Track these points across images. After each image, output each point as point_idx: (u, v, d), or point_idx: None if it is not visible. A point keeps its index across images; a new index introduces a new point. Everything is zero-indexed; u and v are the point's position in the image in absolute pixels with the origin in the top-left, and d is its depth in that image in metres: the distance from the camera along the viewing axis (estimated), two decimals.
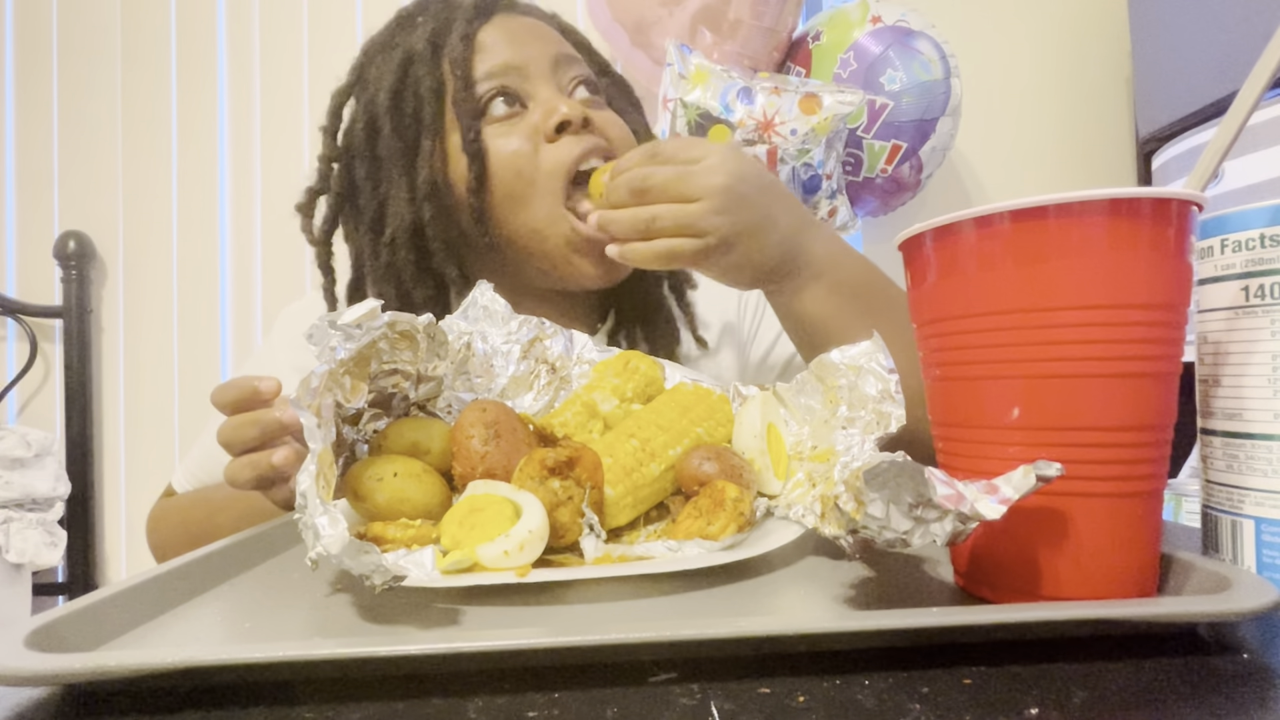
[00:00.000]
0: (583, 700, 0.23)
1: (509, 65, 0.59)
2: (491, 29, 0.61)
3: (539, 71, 0.59)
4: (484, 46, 0.60)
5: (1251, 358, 0.31)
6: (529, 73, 0.59)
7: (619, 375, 0.49)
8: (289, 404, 0.41)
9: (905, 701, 0.23)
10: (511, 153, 0.57)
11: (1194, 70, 1.16)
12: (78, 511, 1.35)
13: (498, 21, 0.62)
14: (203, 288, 1.41)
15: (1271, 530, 0.30)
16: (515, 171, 0.57)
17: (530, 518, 0.35)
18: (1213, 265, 0.32)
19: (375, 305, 0.39)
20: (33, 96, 1.41)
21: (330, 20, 1.41)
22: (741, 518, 0.38)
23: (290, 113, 1.41)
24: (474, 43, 0.60)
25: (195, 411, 1.40)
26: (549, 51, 0.60)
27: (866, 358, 0.41)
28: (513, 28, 0.62)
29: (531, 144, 0.57)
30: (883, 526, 0.28)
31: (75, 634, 0.28)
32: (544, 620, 0.31)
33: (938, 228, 0.31)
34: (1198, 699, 0.23)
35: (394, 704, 0.23)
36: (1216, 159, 0.30)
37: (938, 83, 1.11)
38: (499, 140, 0.58)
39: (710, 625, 0.25)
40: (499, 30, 0.61)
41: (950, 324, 0.31)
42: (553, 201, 0.57)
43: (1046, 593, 0.29)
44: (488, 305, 0.53)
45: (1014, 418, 0.29)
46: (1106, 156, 1.46)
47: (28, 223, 1.41)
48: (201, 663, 0.24)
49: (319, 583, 0.37)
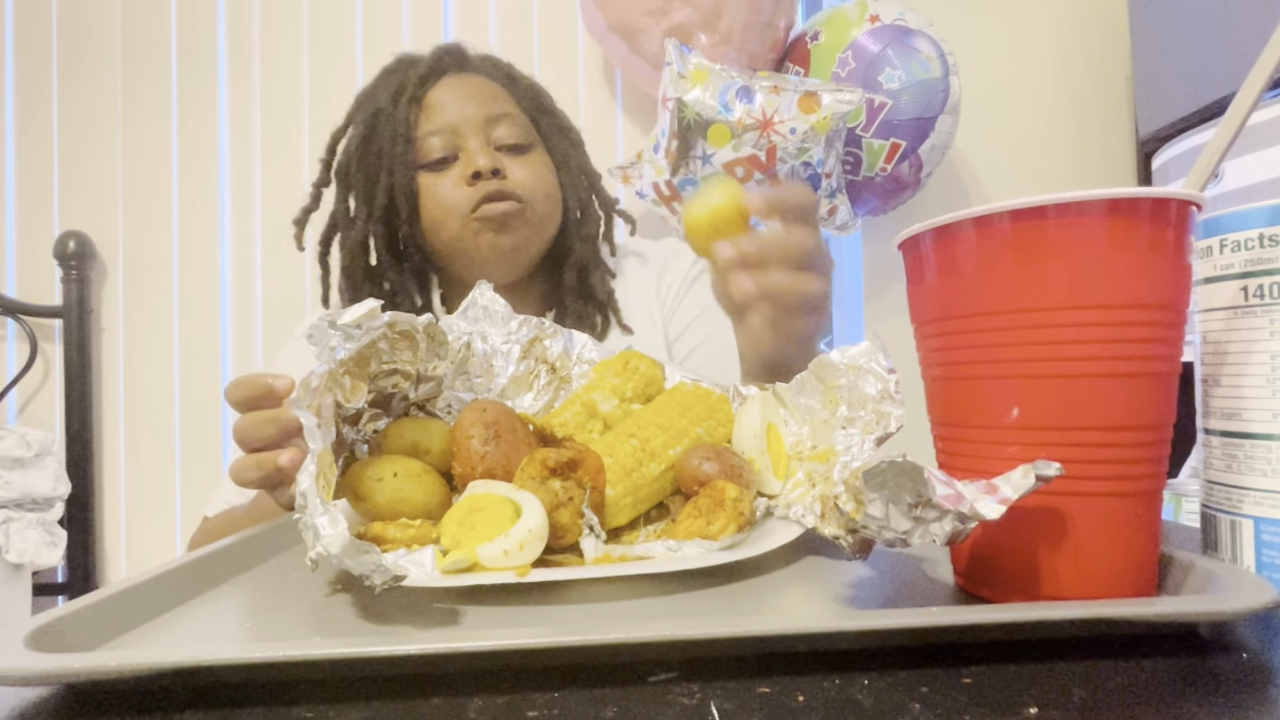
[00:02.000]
0: (583, 700, 0.23)
1: (446, 125, 0.75)
2: (439, 90, 0.77)
3: (471, 129, 0.75)
4: (429, 106, 0.76)
5: (1250, 357, 0.31)
6: (462, 130, 0.75)
7: (619, 375, 0.49)
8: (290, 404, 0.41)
9: (905, 701, 0.23)
10: (439, 194, 0.75)
11: (1194, 70, 1.16)
12: (78, 511, 1.35)
13: (446, 83, 0.78)
14: (203, 288, 1.41)
15: (1270, 530, 0.30)
16: (441, 207, 0.75)
17: (530, 517, 0.35)
18: (1212, 265, 0.32)
19: (375, 305, 0.39)
20: (33, 96, 1.41)
21: (330, 20, 1.41)
22: (741, 517, 0.38)
23: (291, 113, 1.41)
24: (421, 104, 0.76)
25: (195, 411, 1.40)
26: (483, 111, 0.76)
27: (866, 357, 0.41)
28: (457, 90, 0.77)
29: (454, 187, 0.75)
30: (882, 526, 0.28)
31: (76, 634, 0.28)
32: (544, 620, 0.31)
33: (937, 228, 0.31)
34: (1197, 698, 0.23)
35: (394, 704, 0.23)
36: (1215, 159, 0.30)
37: (936, 81, 1.11)
38: (430, 183, 0.76)
39: (710, 625, 0.25)
40: (445, 91, 0.77)
41: (950, 324, 0.31)
42: (463, 219, 0.75)
43: (1046, 592, 0.29)
44: (487, 305, 0.53)
45: (1013, 417, 0.29)
46: (1106, 156, 1.46)
47: (28, 223, 1.41)
48: (201, 662, 0.24)
49: (319, 583, 0.37)
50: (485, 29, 1.39)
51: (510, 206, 0.74)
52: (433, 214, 0.75)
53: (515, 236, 0.76)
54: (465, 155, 0.75)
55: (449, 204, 0.74)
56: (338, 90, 1.40)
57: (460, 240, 0.76)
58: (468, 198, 0.74)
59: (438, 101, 0.76)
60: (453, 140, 0.75)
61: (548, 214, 0.79)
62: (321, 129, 1.40)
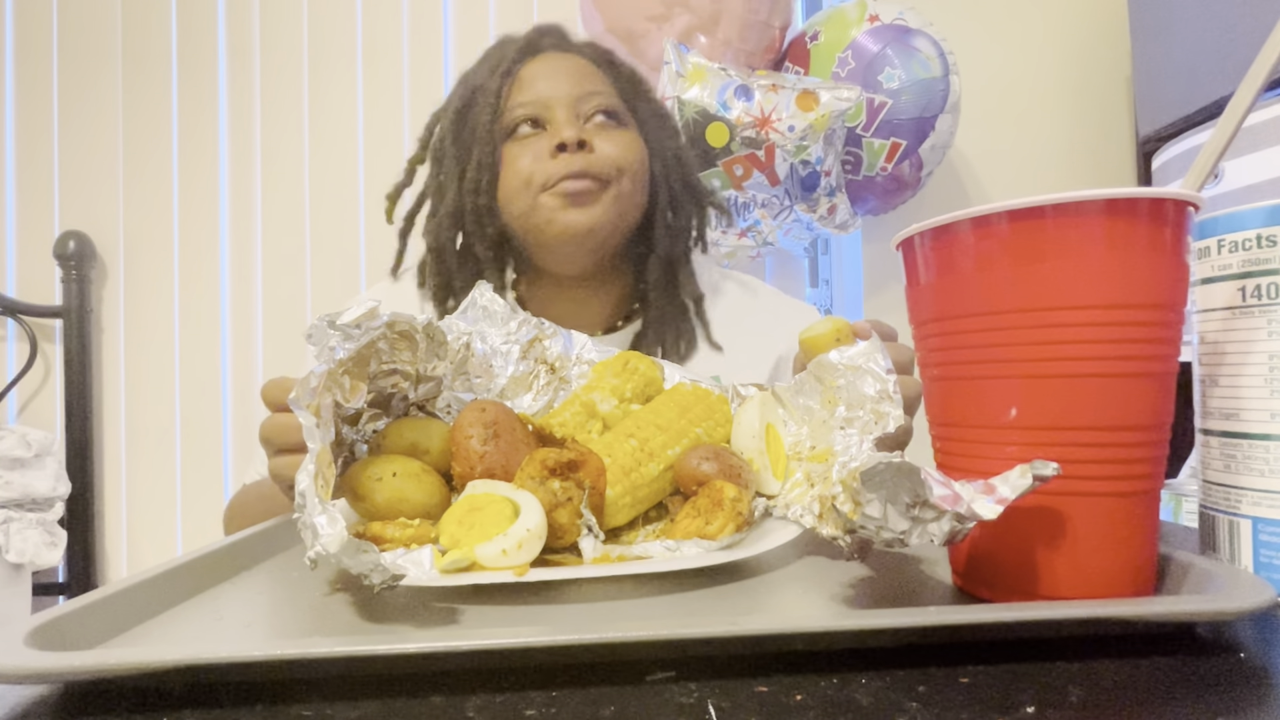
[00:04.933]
0: (581, 699, 0.23)
1: (536, 97, 0.74)
2: (535, 64, 0.76)
3: (561, 102, 0.73)
4: (521, 79, 0.75)
5: (1248, 358, 0.31)
6: (551, 104, 0.73)
7: (618, 375, 0.49)
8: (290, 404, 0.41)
9: (902, 700, 0.23)
10: (518, 165, 0.73)
11: (1194, 70, 1.16)
12: (78, 511, 1.35)
13: (541, 59, 0.77)
14: (203, 288, 1.41)
15: (1268, 529, 0.30)
16: (519, 178, 0.72)
17: (528, 517, 0.35)
18: (1210, 265, 0.32)
19: (374, 305, 0.39)
20: (33, 96, 1.41)
21: (330, 20, 1.41)
22: (740, 518, 0.38)
23: (291, 113, 1.41)
24: (513, 78, 0.75)
25: (195, 411, 1.40)
26: (576, 88, 0.74)
27: (864, 358, 0.41)
28: (553, 65, 0.76)
29: (536, 159, 0.72)
30: (880, 526, 0.28)
31: (75, 632, 0.28)
32: (542, 619, 0.31)
33: (935, 228, 0.31)
34: (1194, 697, 0.23)
35: (393, 702, 0.24)
36: (1213, 159, 0.30)
37: (936, 80, 1.12)
38: (514, 154, 0.73)
39: (708, 624, 0.25)
40: (541, 65, 0.76)
41: (948, 324, 0.31)
42: (536, 192, 0.72)
43: (1044, 592, 0.29)
44: (486, 305, 0.54)
45: (1011, 417, 0.29)
46: (1107, 156, 1.46)
47: (28, 223, 1.41)
48: (200, 661, 0.24)
49: (318, 582, 0.37)
50: (485, 28, 1.39)
51: (587, 184, 0.71)
52: (510, 184, 0.73)
53: (592, 213, 0.71)
54: (552, 127, 0.73)
55: (526, 174, 0.72)
56: (338, 90, 1.41)
57: (531, 215, 0.72)
58: (546, 171, 0.71)
59: (531, 75, 0.75)
60: (541, 112, 0.73)
61: (631, 195, 0.74)
62: (321, 128, 1.41)
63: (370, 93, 1.41)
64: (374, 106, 1.41)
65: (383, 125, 1.41)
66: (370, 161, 1.41)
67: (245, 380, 1.41)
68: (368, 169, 1.41)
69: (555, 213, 0.71)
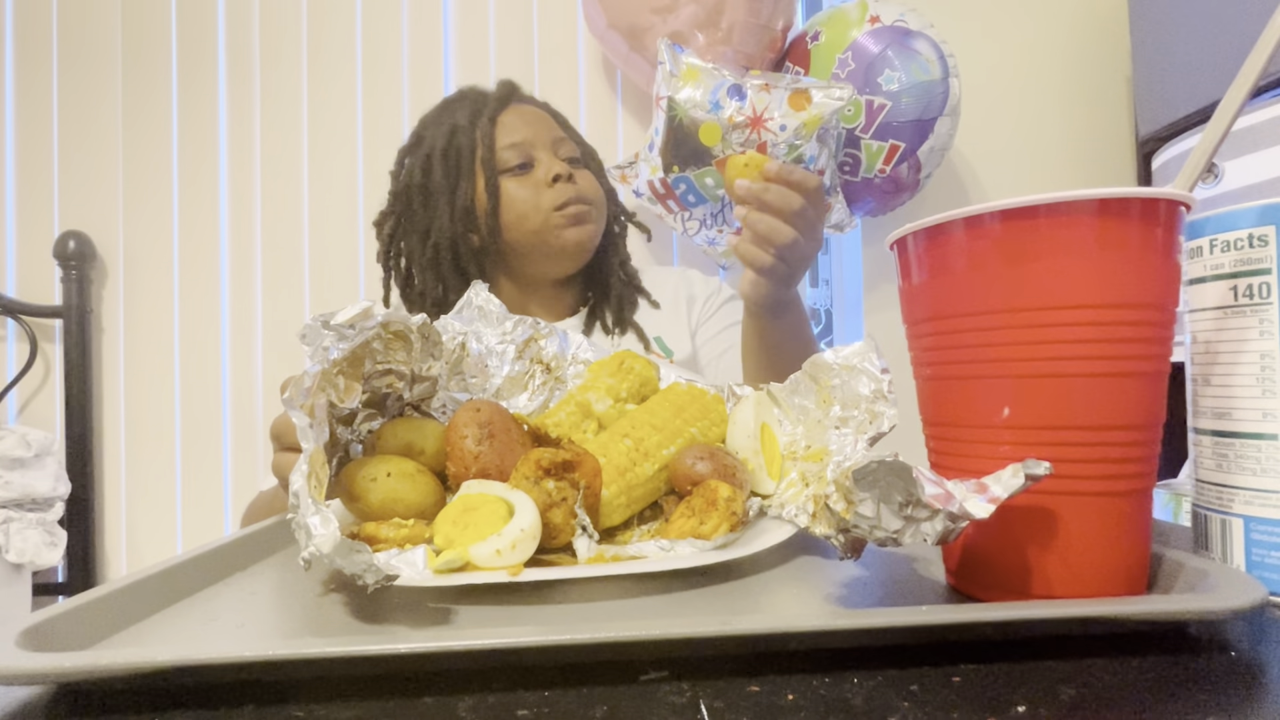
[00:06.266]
0: (573, 699, 0.23)
1: (523, 139, 0.91)
2: (509, 114, 0.93)
3: (542, 144, 0.92)
4: (504, 125, 0.92)
5: (1240, 357, 0.31)
6: (535, 144, 0.92)
7: (613, 375, 0.49)
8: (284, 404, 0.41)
9: (894, 699, 0.23)
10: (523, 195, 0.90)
11: (1194, 70, 1.16)
12: (78, 511, 1.35)
13: (513, 109, 0.95)
14: (203, 288, 1.41)
15: (1260, 528, 0.30)
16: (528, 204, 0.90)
17: (522, 517, 0.35)
18: (1202, 265, 0.32)
19: (368, 305, 0.39)
20: (33, 96, 1.41)
21: (330, 21, 1.41)
22: (734, 517, 0.38)
23: (291, 113, 1.41)
24: (497, 123, 0.92)
25: (195, 411, 1.40)
26: (550, 134, 0.93)
27: (860, 358, 0.41)
28: (524, 114, 0.94)
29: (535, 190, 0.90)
30: (873, 526, 0.28)
31: (68, 633, 0.28)
32: (536, 619, 0.31)
33: (928, 228, 0.31)
34: (1186, 696, 0.23)
35: (386, 702, 0.24)
36: (1204, 159, 0.30)
37: (936, 83, 1.11)
38: (513, 187, 0.90)
39: (700, 624, 0.25)
40: (514, 115, 0.93)
41: (941, 323, 0.31)
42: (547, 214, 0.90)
43: (1036, 591, 0.29)
44: (482, 305, 0.54)
45: (1004, 417, 0.29)
46: (1106, 156, 1.45)
47: (28, 223, 1.41)
48: (194, 661, 0.24)
49: (311, 582, 0.37)
50: (485, 27, 1.39)
51: (584, 207, 0.90)
52: (520, 210, 0.89)
53: (587, 230, 0.91)
54: (541, 163, 0.91)
55: (535, 201, 0.89)
56: (338, 90, 1.41)
57: (542, 233, 0.90)
58: (551, 197, 0.89)
59: (510, 122, 0.92)
60: (528, 152, 0.91)
61: (601, 217, 0.95)
62: (321, 129, 1.41)
63: (370, 93, 1.41)
64: (374, 106, 1.41)
65: (383, 125, 1.41)
66: (370, 162, 1.41)
67: (245, 380, 1.41)
68: (367, 169, 1.41)
69: (563, 230, 0.90)
